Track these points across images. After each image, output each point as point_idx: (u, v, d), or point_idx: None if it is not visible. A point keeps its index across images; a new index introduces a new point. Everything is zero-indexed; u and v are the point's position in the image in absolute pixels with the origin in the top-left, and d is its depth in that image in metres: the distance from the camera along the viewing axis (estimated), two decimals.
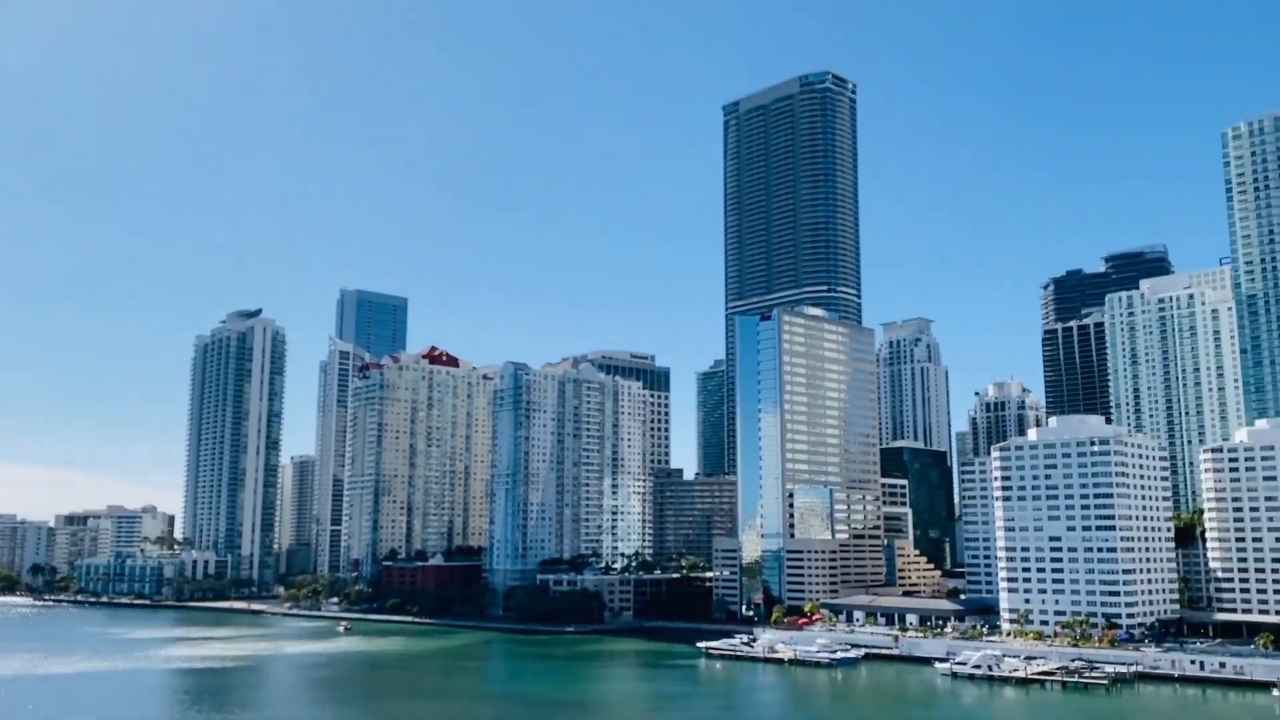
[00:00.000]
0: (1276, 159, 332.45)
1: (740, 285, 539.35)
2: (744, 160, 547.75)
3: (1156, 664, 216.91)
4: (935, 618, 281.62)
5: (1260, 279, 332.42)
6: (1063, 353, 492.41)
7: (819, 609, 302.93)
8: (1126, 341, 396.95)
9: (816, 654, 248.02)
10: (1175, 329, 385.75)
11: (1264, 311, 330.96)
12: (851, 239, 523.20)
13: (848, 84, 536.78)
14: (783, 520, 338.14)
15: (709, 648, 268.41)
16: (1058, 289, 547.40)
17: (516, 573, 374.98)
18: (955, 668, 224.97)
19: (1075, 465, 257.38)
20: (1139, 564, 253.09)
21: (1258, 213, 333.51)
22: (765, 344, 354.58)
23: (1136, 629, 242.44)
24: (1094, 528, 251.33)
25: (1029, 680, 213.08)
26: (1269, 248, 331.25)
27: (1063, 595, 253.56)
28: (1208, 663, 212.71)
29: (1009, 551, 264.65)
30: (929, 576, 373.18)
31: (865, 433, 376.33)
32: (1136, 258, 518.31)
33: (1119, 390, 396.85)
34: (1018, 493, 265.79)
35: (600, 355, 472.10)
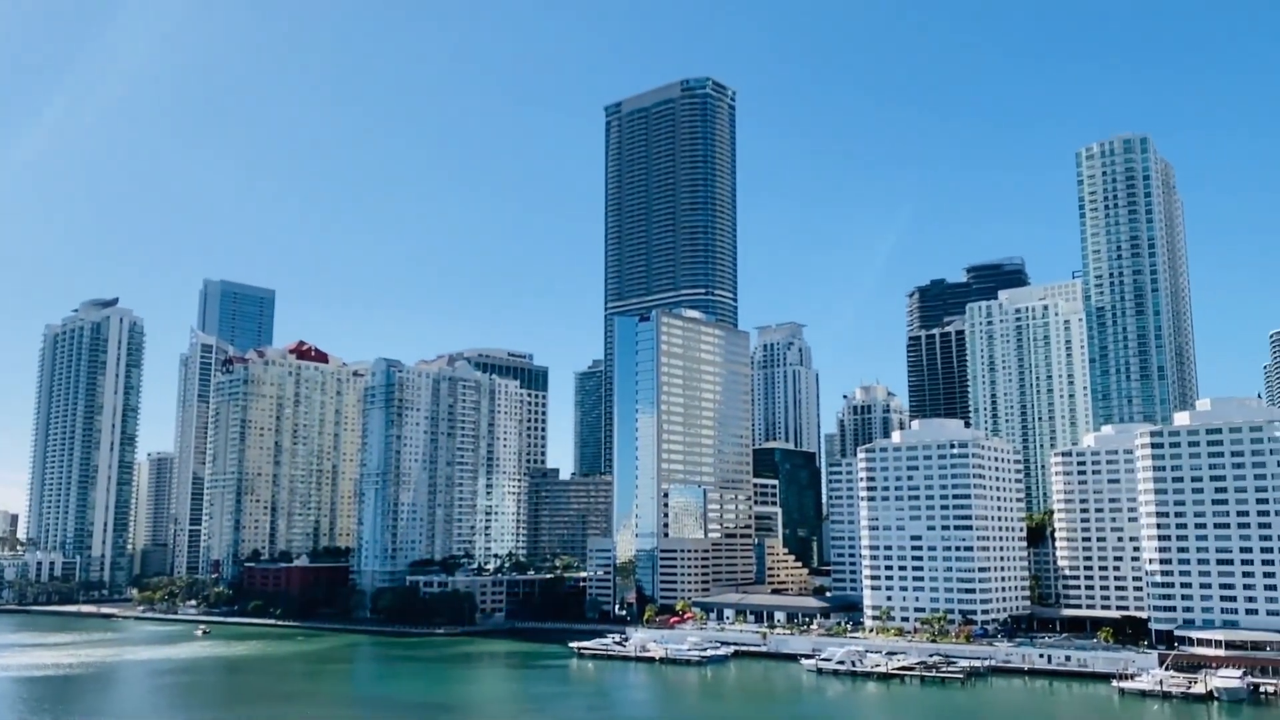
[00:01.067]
0: (1125, 180, 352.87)
1: (620, 286, 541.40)
2: (625, 161, 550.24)
3: (1008, 658, 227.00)
4: (802, 615, 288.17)
5: (1109, 292, 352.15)
6: (926, 358, 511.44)
7: (690, 608, 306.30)
8: (985, 349, 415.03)
9: (687, 652, 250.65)
10: (1030, 338, 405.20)
11: (1111, 323, 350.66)
12: (729, 243, 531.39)
13: (728, 91, 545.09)
14: (657, 520, 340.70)
15: (580, 648, 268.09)
16: (923, 297, 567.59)
17: (386, 574, 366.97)
18: (820, 664, 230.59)
19: (936, 467, 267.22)
20: (994, 562, 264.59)
21: (1107, 230, 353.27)
22: (643, 345, 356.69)
23: (991, 625, 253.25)
24: (952, 527, 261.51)
25: (890, 675, 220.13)
26: (1117, 263, 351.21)
27: (923, 592, 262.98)
28: (1054, 656, 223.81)
29: (873, 550, 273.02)
30: (797, 575, 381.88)
31: (739, 433, 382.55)
32: (996, 269, 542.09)
33: (977, 395, 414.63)
34: (881, 493, 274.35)
35: (477, 353, 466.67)
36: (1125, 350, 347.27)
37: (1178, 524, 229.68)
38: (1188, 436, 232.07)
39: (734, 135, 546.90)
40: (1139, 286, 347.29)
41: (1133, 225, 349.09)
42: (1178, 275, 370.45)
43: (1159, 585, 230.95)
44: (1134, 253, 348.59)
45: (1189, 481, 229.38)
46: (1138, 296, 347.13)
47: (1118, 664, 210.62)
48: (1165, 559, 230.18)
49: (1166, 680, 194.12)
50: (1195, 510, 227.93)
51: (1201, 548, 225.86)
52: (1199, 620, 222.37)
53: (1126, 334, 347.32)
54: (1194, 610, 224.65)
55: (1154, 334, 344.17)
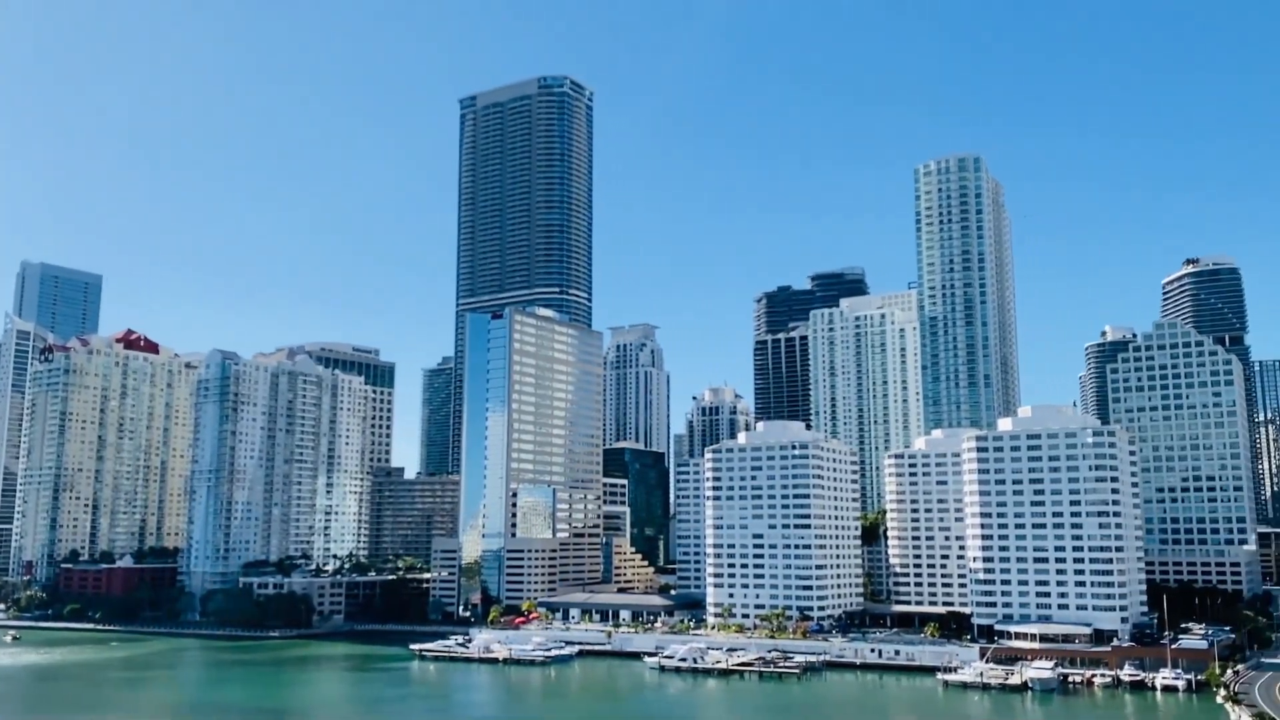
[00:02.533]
0: (959, 197, 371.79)
1: (473, 283, 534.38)
2: (480, 156, 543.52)
3: (842, 653, 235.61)
4: (647, 613, 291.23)
5: (941, 303, 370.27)
6: (772, 362, 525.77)
7: (536, 608, 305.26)
8: (826, 354, 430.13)
9: (532, 652, 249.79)
10: (869, 345, 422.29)
11: (943, 333, 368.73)
12: (584, 243, 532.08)
13: (585, 90, 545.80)
14: (505, 520, 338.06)
15: (422, 649, 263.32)
16: (769, 303, 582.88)
17: (217, 575, 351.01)
18: (663, 661, 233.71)
19: (778, 467, 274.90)
20: (830, 560, 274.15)
21: (941, 244, 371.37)
22: (495, 343, 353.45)
23: (827, 621, 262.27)
24: (792, 526, 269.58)
25: (730, 671, 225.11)
26: (949, 275, 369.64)
27: (763, 590, 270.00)
28: (885, 651, 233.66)
29: (716, 548, 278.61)
30: (643, 573, 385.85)
31: (590, 433, 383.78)
32: (838, 278, 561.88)
33: (819, 399, 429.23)
34: (726, 492, 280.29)
35: (320, 347, 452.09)
36: (955, 358, 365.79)
37: (999, 524, 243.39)
38: (1010, 441, 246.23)
39: (591, 135, 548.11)
40: (969, 299, 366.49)
41: (964, 240, 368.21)
42: (1004, 289, 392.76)
43: (981, 582, 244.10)
44: (965, 266, 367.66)
45: (1010, 484, 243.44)
46: (967, 308, 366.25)
47: (943, 657, 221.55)
48: (988, 557, 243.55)
49: (986, 672, 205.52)
50: (1015, 511, 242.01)
51: (1020, 546, 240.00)
52: (1017, 615, 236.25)
53: (956, 343, 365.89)
54: (1012, 605, 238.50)
55: (981, 344, 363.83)
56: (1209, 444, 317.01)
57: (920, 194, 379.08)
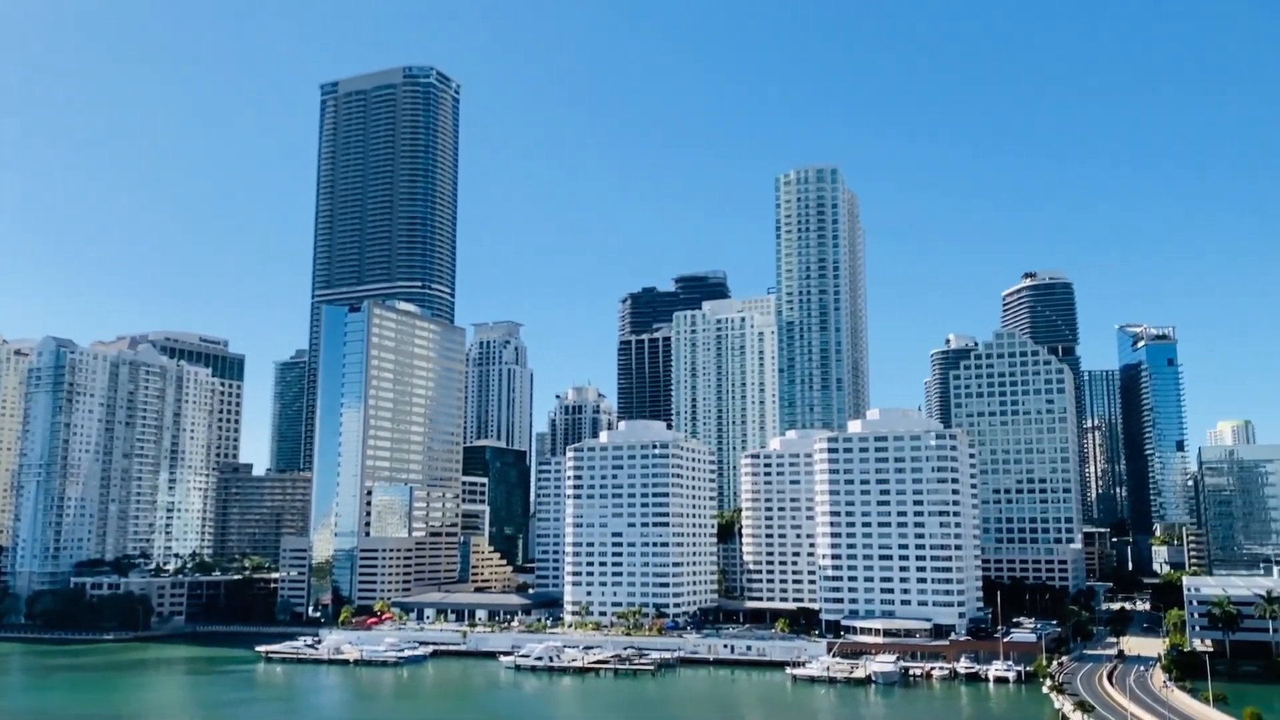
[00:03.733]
0: (816, 206, 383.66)
1: (330, 274, 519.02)
2: (341, 145, 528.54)
3: (696, 649, 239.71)
4: (504, 612, 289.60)
5: (798, 308, 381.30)
6: (635, 362, 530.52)
7: (390, 608, 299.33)
8: (688, 356, 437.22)
9: (384, 653, 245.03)
10: (729, 347, 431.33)
11: (799, 337, 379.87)
12: (448, 237, 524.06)
13: (452, 82, 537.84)
14: (359, 518, 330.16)
15: (268, 651, 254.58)
16: (634, 304, 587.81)
17: (46, 575, 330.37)
18: (519, 660, 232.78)
19: (639, 466, 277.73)
20: (687, 558, 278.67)
21: (799, 251, 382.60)
22: (353, 336, 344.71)
23: (682, 618, 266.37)
24: (651, 524, 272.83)
25: (585, 669, 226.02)
26: (806, 282, 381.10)
27: (620, 587, 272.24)
28: (737, 646, 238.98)
29: (575, 547, 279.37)
30: (501, 572, 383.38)
31: (450, 431, 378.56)
32: (701, 281, 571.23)
33: (680, 399, 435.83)
34: (587, 491, 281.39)
35: (164, 336, 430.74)
36: (810, 362, 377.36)
37: (847, 522, 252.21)
38: (859, 443, 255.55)
39: (457, 128, 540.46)
40: (824, 305, 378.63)
41: (820, 248, 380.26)
42: (857, 296, 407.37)
43: (830, 579, 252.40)
44: (821, 274, 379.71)
45: (858, 484, 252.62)
46: (822, 314, 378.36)
47: (792, 652, 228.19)
48: (836, 555, 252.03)
49: (832, 667, 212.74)
50: (863, 510, 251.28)
51: (867, 544, 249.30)
52: (862, 611, 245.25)
53: (811, 347, 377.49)
54: (858, 601, 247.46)
55: (835, 348, 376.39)
56: (1041, 448, 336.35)
57: (780, 202, 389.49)
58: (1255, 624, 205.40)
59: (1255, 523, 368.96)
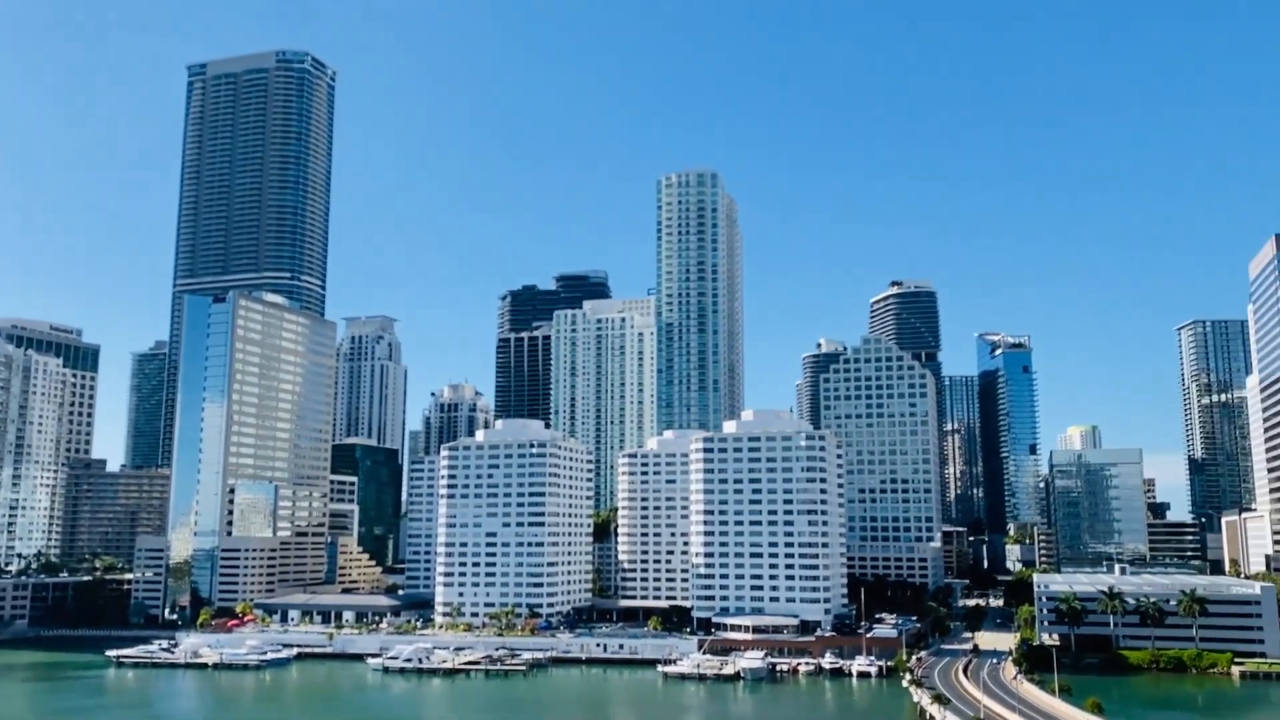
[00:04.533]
0: (697, 210, 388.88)
1: (193, 263, 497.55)
2: (209, 128, 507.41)
3: (569, 649, 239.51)
4: (373, 614, 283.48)
5: (677, 310, 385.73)
6: (514, 360, 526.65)
7: (252, 610, 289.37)
8: (568, 355, 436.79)
9: (245, 656, 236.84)
10: (609, 347, 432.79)
11: (678, 338, 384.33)
12: (320, 227, 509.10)
13: (327, 69, 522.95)
14: (220, 517, 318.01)
15: (120, 656, 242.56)
16: (514, 301, 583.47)
17: None
18: (388, 662, 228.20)
19: (515, 465, 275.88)
20: (562, 558, 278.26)
21: (679, 253, 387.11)
22: (216, 328, 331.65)
23: (555, 617, 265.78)
24: (526, 524, 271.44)
25: (456, 670, 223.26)
26: (685, 284, 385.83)
27: (494, 588, 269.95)
28: (610, 645, 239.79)
29: (448, 547, 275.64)
30: (370, 573, 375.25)
31: (318, 428, 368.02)
32: (582, 280, 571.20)
33: (559, 398, 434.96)
34: (461, 490, 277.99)
35: (11, 324, 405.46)
36: (688, 363, 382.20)
37: (720, 521, 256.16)
38: (733, 443, 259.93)
39: (332, 117, 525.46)
40: (702, 307, 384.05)
41: (700, 252, 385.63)
42: (734, 300, 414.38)
43: (702, 576, 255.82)
44: (700, 277, 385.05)
45: (731, 483, 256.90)
46: (701, 316, 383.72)
47: (664, 650, 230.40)
48: (709, 553, 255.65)
49: (703, 663, 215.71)
50: (735, 508, 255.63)
51: (739, 542, 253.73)
52: (733, 608, 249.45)
53: (689, 349, 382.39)
54: (730, 599, 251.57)
55: (712, 350, 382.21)
56: (905, 450, 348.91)
57: (662, 204, 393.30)
58: (1098, 619, 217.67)
59: (1100, 523, 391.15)
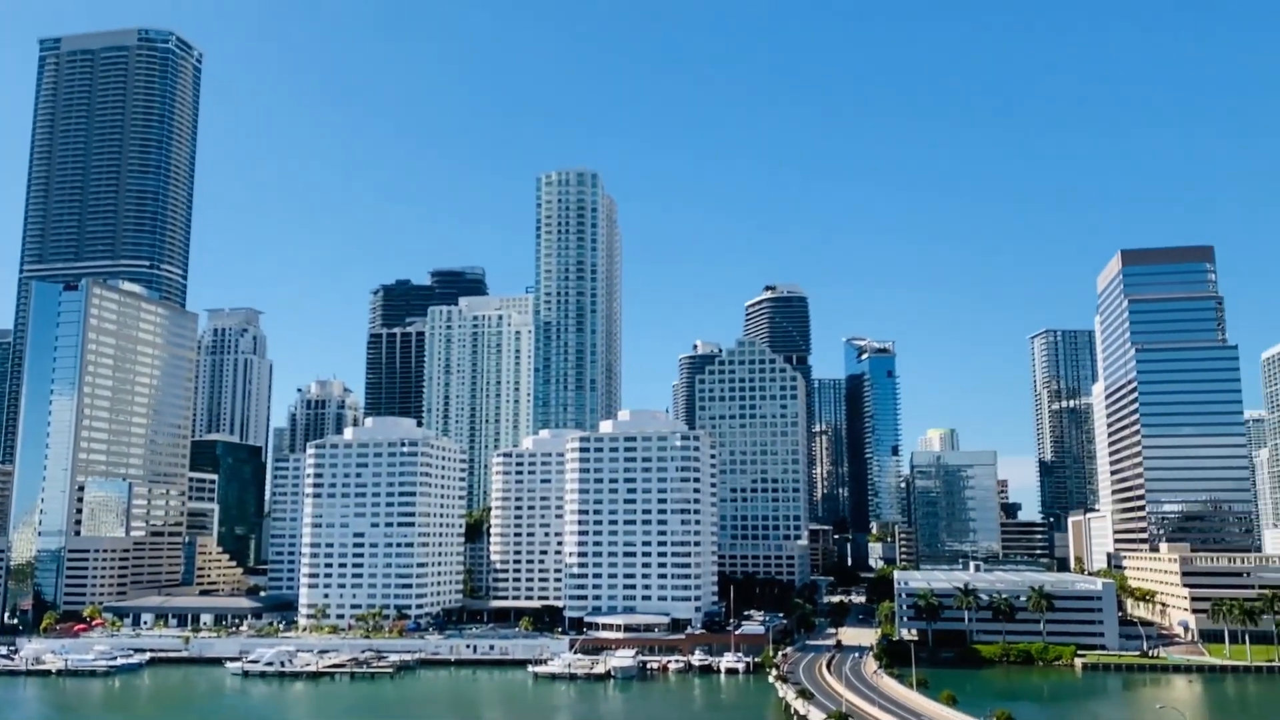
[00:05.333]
0: (577, 208, 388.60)
1: (43, 247, 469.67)
2: (62, 107, 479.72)
3: (438, 650, 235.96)
4: (233, 616, 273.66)
5: (556, 309, 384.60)
6: (386, 357, 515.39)
7: (101, 613, 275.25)
8: (443, 352, 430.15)
9: (92, 662, 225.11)
10: (485, 345, 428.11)
11: (556, 337, 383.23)
12: (183, 214, 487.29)
13: (193, 51, 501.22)
14: (68, 516, 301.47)
15: None
16: (387, 296, 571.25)
17: None
18: (247, 666, 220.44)
19: (385, 464, 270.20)
20: (432, 558, 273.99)
21: (558, 252, 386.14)
22: (67, 317, 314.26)
23: (424, 619, 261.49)
24: (396, 524, 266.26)
25: (320, 674, 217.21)
26: (564, 283, 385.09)
27: (361, 589, 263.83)
28: (480, 646, 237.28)
29: (314, 547, 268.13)
30: (231, 575, 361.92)
31: (177, 423, 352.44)
32: (459, 276, 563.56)
33: (432, 396, 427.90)
34: (329, 489, 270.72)
35: None
36: (565, 362, 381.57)
37: (595, 520, 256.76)
38: (609, 443, 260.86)
39: (197, 100, 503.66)
40: (581, 306, 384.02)
41: (579, 251, 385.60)
42: (613, 300, 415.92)
43: (575, 576, 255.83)
44: (579, 276, 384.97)
45: (607, 482, 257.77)
46: (579, 316, 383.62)
47: (535, 650, 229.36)
48: (582, 552, 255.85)
49: (574, 663, 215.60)
50: (610, 508, 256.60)
51: (612, 541, 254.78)
52: (605, 607, 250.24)
53: (567, 348, 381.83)
54: (602, 598, 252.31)
55: (590, 350, 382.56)
56: (775, 450, 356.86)
57: (541, 202, 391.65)
58: (953, 614, 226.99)
59: (956, 521, 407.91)
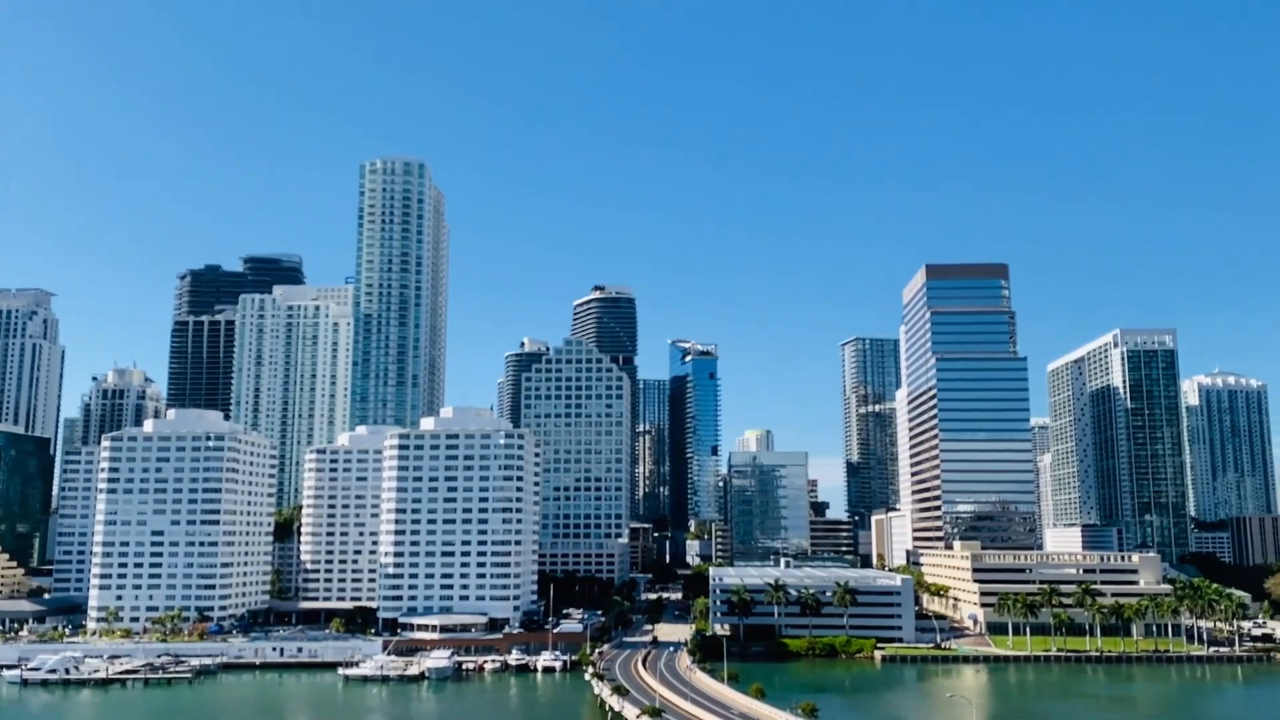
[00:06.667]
0: (403, 199, 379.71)
1: None
2: None
3: (241, 653, 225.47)
4: (11, 620, 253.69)
5: (377, 301, 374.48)
6: (192, 346, 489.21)
7: None
8: (254, 342, 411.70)
9: None
10: (300, 336, 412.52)
11: (377, 331, 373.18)
12: None
13: None
14: None
15: None
16: (195, 281, 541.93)
17: None
18: (27, 674, 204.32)
19: (189, 459, 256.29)
20: (238, 558, 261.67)
21: (382, 242, 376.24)
22: None
23: (228, 621, 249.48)
24: (199, 522, 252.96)
25: (110, 680, 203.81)
26: (387, 275, 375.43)
27: (158, 590, 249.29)
28: (287, 649, 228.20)
29: (106, 546, 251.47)
30: (11, 576, 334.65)
31: None
32: (274, 264, 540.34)
33: (242, 388, 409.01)
34: (125, 485, 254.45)
35: None
36: (386, 357, 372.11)
37: (413, 519, 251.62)
38: (430, 440, 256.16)
39: None
40: (404, 300, 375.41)
41: (404, 242, 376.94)
42: (438, 294, 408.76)
43: (391, 576, 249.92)
44: (403, 268, 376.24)
45: (427, 481, 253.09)
46: (402, 309, 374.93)
47: (346, 652, 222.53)
48: (399, 551, 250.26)
49: (387, 665, 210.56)
50: (429, 507, 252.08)
51: (430, 541, 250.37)
52: (421, 608, 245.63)
53: (389, 342, 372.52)
54: (418, 598, 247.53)
55: (413, 344, 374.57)
56: (599, 449, 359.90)
57: (365, 190, 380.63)
58: (764, 609, 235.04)
59: (770, 519, 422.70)
